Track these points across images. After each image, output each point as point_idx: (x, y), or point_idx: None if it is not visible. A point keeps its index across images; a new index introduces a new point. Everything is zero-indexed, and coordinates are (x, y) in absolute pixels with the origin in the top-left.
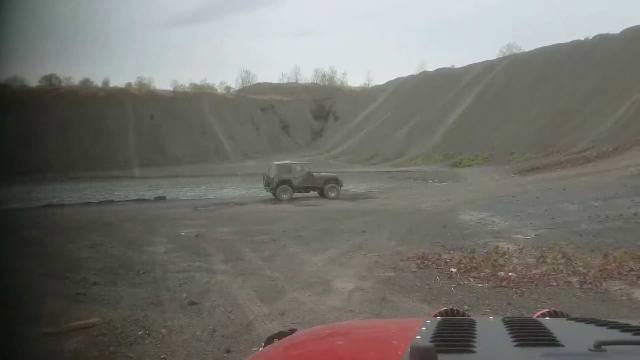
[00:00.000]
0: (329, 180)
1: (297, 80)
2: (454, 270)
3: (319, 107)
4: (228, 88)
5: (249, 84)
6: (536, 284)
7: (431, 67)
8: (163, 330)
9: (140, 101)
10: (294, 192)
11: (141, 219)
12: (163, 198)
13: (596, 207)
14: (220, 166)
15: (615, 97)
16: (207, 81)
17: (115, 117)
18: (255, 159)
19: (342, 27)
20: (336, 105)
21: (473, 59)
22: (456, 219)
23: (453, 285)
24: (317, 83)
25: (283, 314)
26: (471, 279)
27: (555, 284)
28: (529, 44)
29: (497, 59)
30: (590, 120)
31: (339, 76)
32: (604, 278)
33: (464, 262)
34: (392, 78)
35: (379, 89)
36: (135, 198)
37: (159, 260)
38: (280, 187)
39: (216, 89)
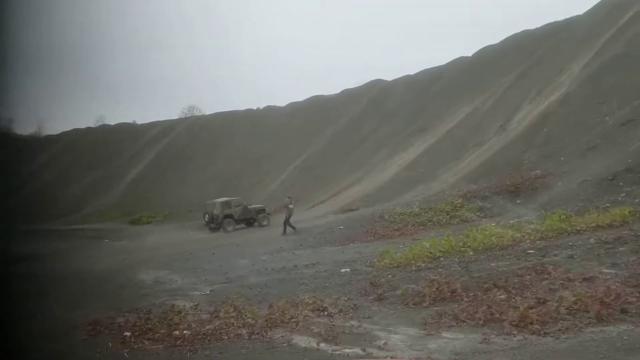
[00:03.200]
0: (259, 211)
1: None
2: (128, 334)
3: None
4: None
5: None
6: (209, 340)
7: (112, 121)
8: None
9: None
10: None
11: None
12: None
13: (264, 260)
14: None
15: (281, 162)
16: None
17: None
18: None
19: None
20: None
21: (155, 116)
22: (134, 278)
23: (126, 350)
24: None
25: None
26: (146, 342)
27: (226, 337)
28: (209, 107)
29: (178, 119)
30: (261, 182)
31: None
32: (270, 327)
33: (139, 324)
34: (69, 129)
35: (52, 139)
36: None
37: None
38: (225, 220)
39: None
